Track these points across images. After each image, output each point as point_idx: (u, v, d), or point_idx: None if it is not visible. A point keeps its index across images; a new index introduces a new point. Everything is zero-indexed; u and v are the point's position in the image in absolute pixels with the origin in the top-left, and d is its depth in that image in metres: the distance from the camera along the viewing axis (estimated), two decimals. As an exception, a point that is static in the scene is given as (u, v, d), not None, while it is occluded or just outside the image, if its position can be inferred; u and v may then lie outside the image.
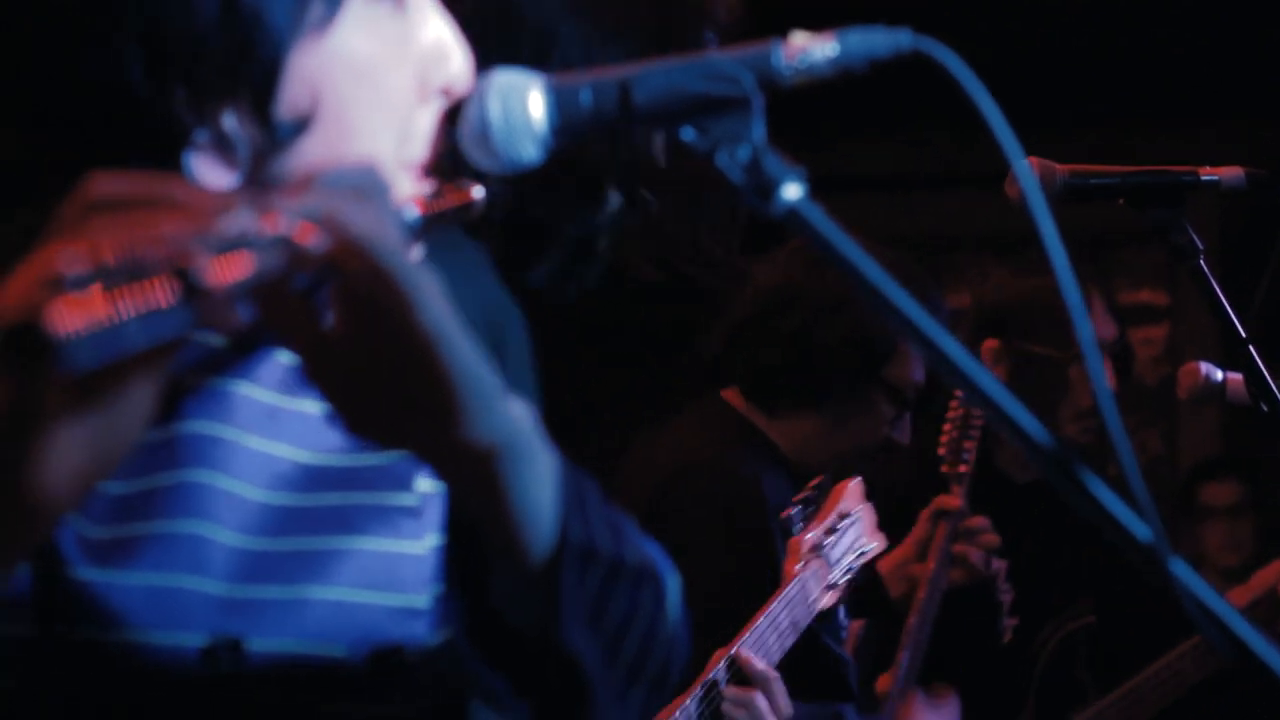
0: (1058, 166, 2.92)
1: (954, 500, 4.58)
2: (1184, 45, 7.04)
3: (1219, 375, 3.41)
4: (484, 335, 1.62)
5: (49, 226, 1.36)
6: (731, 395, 4.18)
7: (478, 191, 1.69)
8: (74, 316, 1.25)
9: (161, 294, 1.29)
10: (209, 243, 1.32)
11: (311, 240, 1.38)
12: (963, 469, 4.63)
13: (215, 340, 1.69)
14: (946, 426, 4.68)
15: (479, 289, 1.87)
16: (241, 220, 1.35)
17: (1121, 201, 2.97)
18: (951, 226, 8.18)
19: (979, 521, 4.63)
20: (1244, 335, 2.94)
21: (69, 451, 1.35)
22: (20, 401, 1.33)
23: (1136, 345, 7.88)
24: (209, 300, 1.30)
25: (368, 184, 1.45)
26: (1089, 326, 1.63)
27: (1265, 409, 2.93)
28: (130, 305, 1.28)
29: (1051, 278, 1.59)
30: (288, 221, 1.38)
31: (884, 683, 4.37)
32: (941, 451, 4.65)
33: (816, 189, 1.64)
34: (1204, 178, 2.91)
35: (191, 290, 1.30)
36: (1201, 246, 2.90)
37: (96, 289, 1.27)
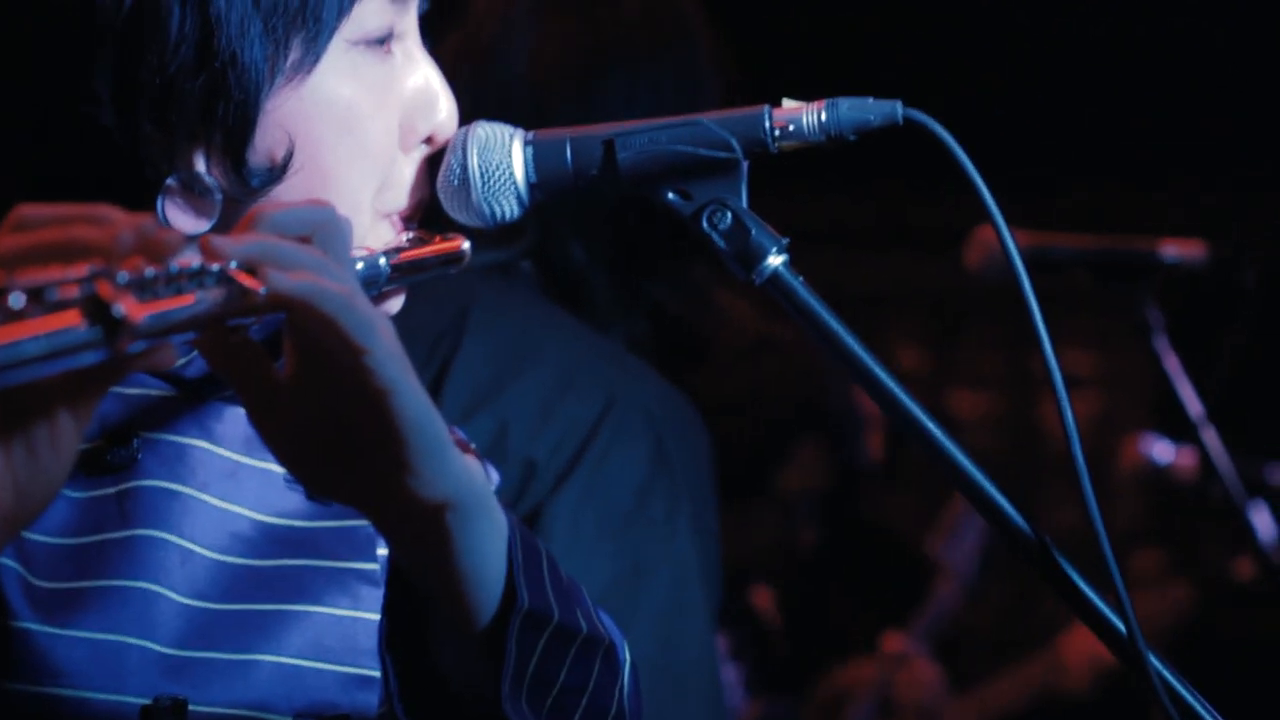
0: (1017, 237, 2.91)
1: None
2: (1148, 108, 7.11)
3: (1167, 456, 3.41)
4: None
5: None
6: None
7: (464, 244, 1.65)
8: None
9: (70, 319, 1.22)
10: (131, 275, 1.26)
11: (255, 282, 1.33)
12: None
13: (170, 391, 1.64)
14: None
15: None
16: (171, 248, 1.29)
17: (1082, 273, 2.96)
18: (887, 284, 8.20)
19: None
20: (1198, 417, 2.94)
21: None
22: None
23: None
24: (128, 335, 1.23)
25: (321, 223, 1.40)
26: (1065, 390, 1.62)
27: (1213, 497, 2.93)
28: (22, 332, 1.20)
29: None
30: (229, 264, 1.32)
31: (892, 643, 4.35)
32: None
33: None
34: (1165, 257, 2.91)
35: (108, 319, 1.22)
36: (1161, 325, 2.90)
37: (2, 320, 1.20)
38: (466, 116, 1.69)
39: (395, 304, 1.65)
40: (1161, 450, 3.39)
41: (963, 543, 4.53)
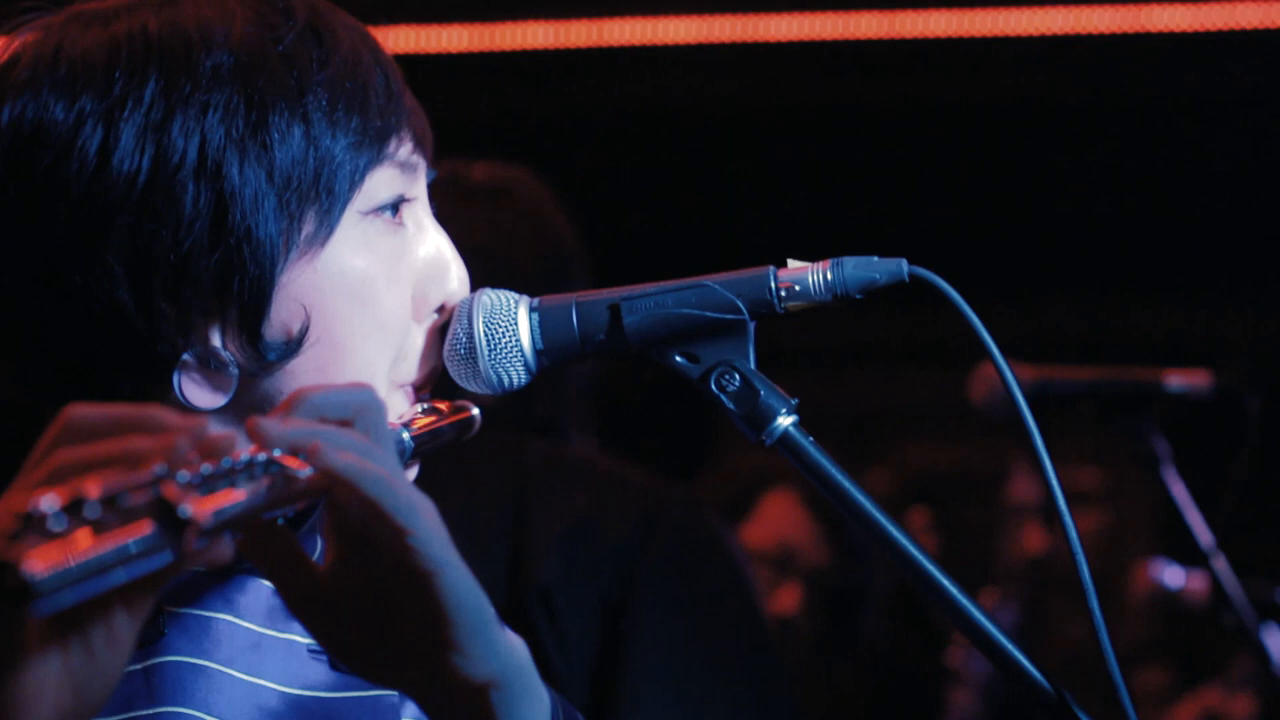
0: (1022, 370, 2.92)
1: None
2: (1148, 232, 7.14)
3: (1178, 581, 3.39)
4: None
5: (27, 460, 1.32)
6: None
7: (475, 411, 1.65)
8: (51, 557, 1.21)
9: (142, 529, 1.25)
10: (191, 474, 1.28)
11: (300, 468, 1.33)
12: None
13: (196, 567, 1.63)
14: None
15: None
16: (223, 446, 1.31)
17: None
18: (866, 402, 8.20)
19: None
20: (1208, 546, 2.93)
21: (50, 689, 1.30)
22: (1, 643, 1.28)
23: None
24: (194, 533, 1.26)
25: (361, 406, 1.40)
26: (1061, 495, 1.63)
27: (1226, 623, 2.91)
28: (107, 543, 1.24)
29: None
30: (274, 450, 1.33)
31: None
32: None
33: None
34: (1169, 386, 2.91)
35: (174, 523, 1.26)
36: (1167, 455, 2.90)
37: (77, 529, 1.24)
38: None
39: (410, 474, 1.64)
40: (1172, 575, 3.38)
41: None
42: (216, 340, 1.59)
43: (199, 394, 1.60)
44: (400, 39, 6.26)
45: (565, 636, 2.53)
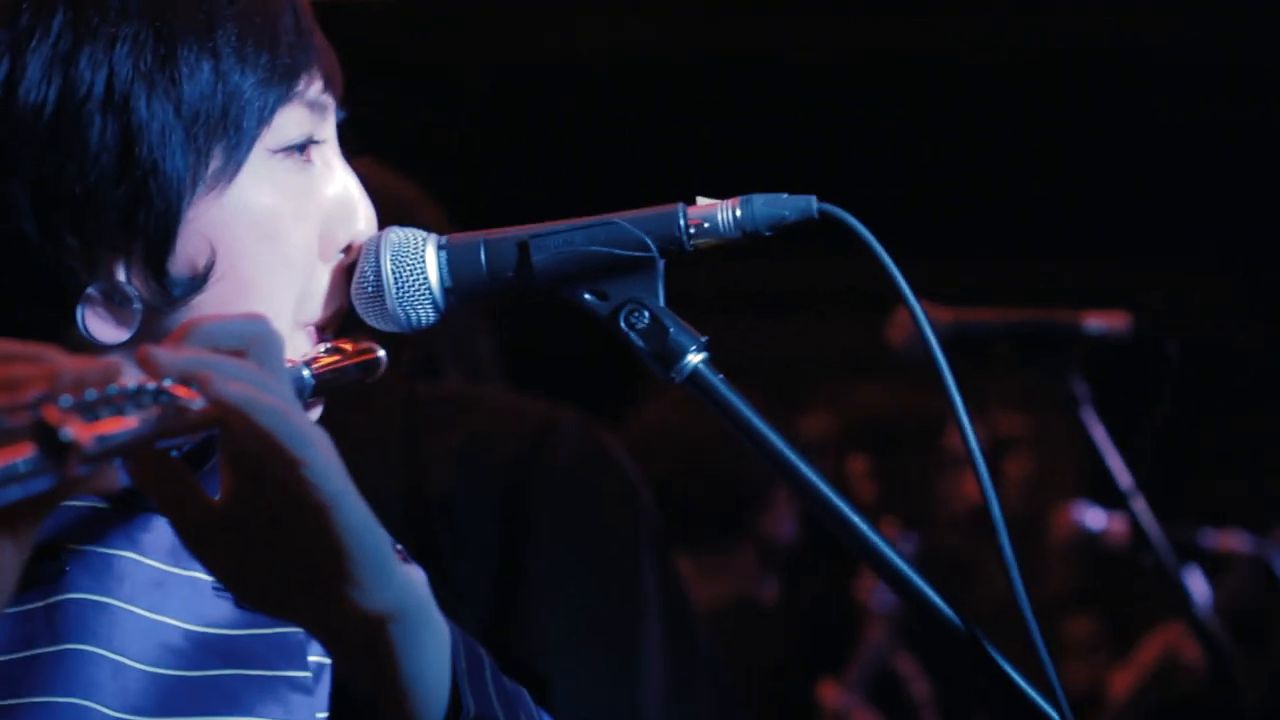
0: (940, 313, 2.92)
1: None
2: (1067, 183, 7.18)
3: (1099, 523, 3.42)
4: None
5: None
6: None
7: (381, 352, 1.63)
8: None
9: (22, 451, 1.22)
10: (75, 398, 1.26)
11: (192, 398, 1.32)
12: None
13: (98, 503, 1.62)
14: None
15: None
16: (109, 374, 1.29)
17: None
18: (803, 347, 8.22)
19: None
20: (1128, 487, 2.94)
21: None
22: None
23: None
24: (77, 458, 1.23)
25: (255, 336, 1.40)
26: (976, 442, 1.63)
27: (1146, 564, 2.93)
28: None
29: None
30: (164, 380, 1.32)
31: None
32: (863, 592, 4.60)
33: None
34: (1088, 328, 2.92)
35: (54, 447, 1.22)
36: (1087, 397, 2.91)
37: None
38: None
39: (313, 414, 1.63)
40: (1094, 517, 3.40)
41: None
42: (121, 275, 1.58)
43: (102, 328, 1.59)
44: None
45: (464, 544, 2.57)
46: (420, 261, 1.64)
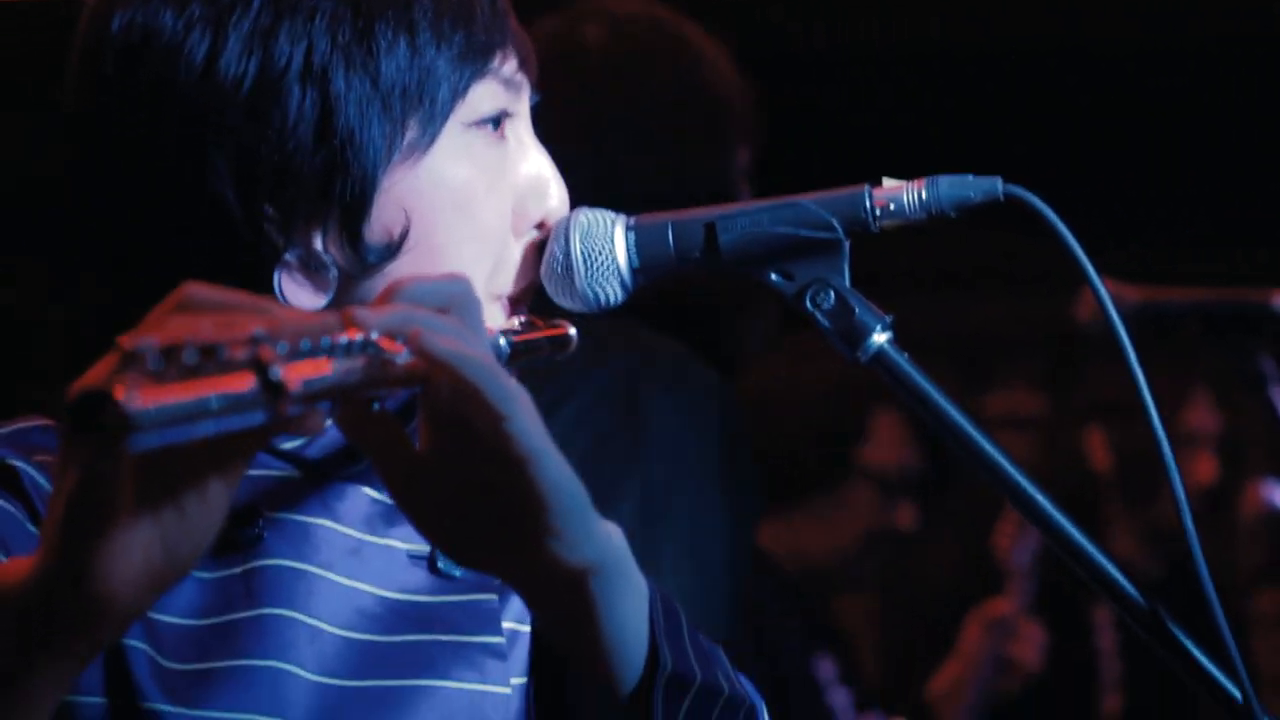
0: (1128, 292, 2.90)
1: (1005, 605, 4.47)
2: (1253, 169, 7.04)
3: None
4: None
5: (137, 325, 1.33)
6: None
7: (571, 330, 1.67)
8: (146, 393, 1.20)
9: (236, 384, 1.25)
10: (290, 345, 1.29)
11: (397, 352, 1.35)
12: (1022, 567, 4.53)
13: (292, 472, 1.67)
14: (1006, 522, 4.57)
15: None
16: (324, 328, 1.33)
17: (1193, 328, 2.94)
18: (994, 327, 8.14)
19: (1031, 629, 4.53)
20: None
21: (140, 545, 1.31)
22: (91, 485, 1.27)
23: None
24: (286, 398, 1.26)
25: (458, 296, 1.43)
26: (1162, 430, 1.65)
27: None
28: (204, 389, 1.22)
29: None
30: (371, 332, 1.35)
31: None
32: (1003, 544, 4.54)
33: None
34: (1279, 307, 2.89)
35: (268, 384, 1.25)
36: (1276, 375, 2.88)
37: (171, 371, 1.22)
38: None
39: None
40: (1280, 496, 3.36)
41: None
42: (318, 243, 1.63)
43: (299, 294, 1.64)
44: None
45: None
46: (609, 242, 1.67)
